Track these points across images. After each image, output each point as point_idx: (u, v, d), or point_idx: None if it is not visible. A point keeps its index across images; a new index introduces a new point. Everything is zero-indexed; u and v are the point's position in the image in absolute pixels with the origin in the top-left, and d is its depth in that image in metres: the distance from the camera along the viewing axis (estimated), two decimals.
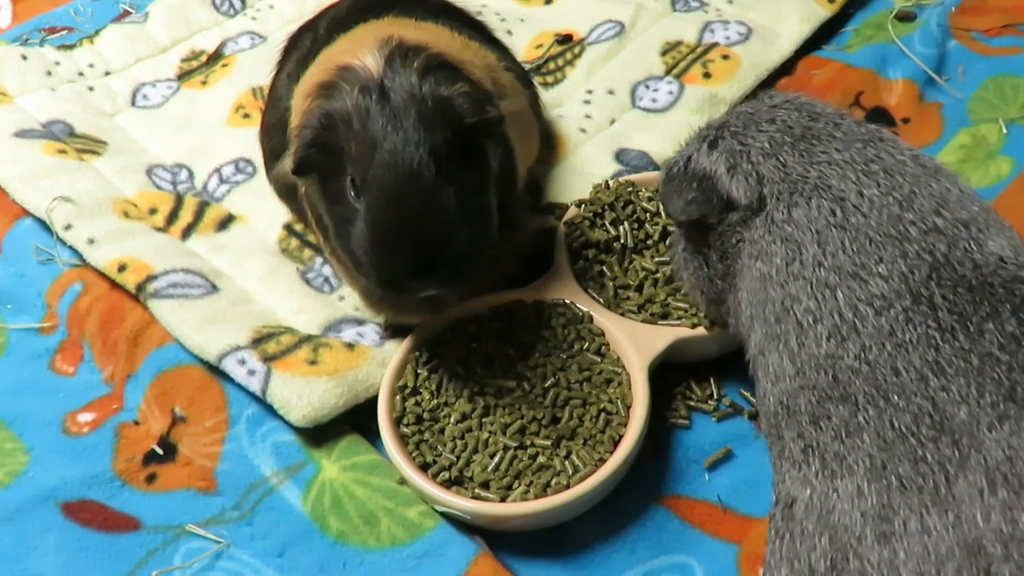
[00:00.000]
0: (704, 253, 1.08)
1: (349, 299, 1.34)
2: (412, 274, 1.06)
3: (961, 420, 0.80)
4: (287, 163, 1.13)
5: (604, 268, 1.26)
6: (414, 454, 1.11)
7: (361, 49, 1.14)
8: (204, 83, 1.76)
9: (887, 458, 0.83)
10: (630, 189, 1.33)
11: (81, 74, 1.77)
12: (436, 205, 1.05)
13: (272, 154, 1.41)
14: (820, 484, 0.87)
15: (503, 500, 1.06)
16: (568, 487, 1.05)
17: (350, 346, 1.24)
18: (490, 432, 1.11)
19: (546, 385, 1.14)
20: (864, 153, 0.96)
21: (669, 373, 1.22)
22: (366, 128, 1.05)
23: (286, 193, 1.39)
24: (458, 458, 1.09)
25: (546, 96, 1.66)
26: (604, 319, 1.20)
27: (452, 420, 1.13)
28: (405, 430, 1.13)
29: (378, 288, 1.11)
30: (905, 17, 1.77)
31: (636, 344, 1.16)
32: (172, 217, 1.47)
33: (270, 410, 1.18)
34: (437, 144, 1.05)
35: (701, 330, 1.18)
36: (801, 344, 0.92)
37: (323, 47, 1.30)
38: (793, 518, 0.88)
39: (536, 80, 1.69)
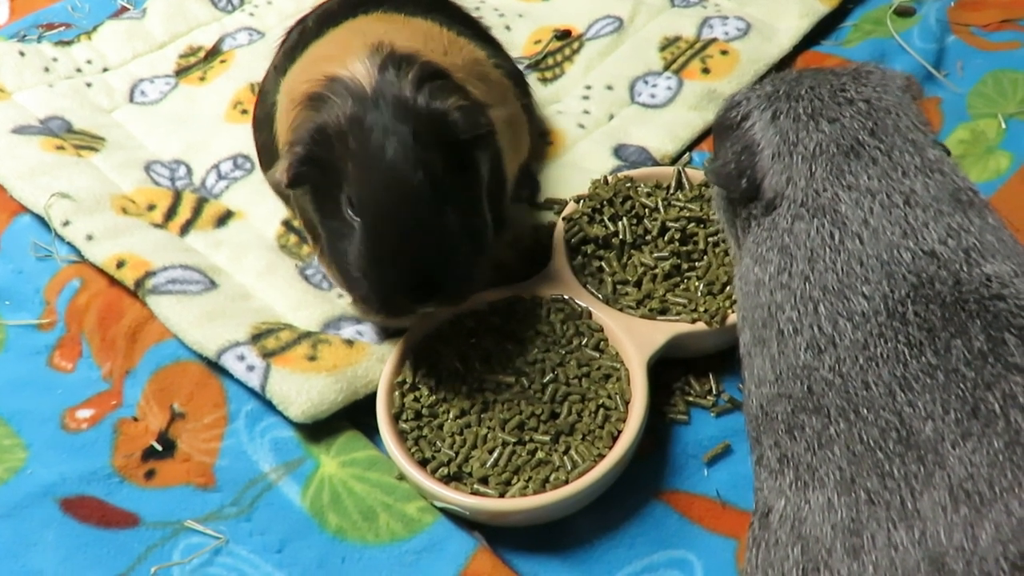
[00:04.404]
0: (733, 206, 1.08)
1: (348, 296, 1.34)
2: (412, 298, 1.07)
3: (926, 436, 0.80)
4: (279, 174, 1.12)
5: (603, 264, 1.26)
6: (413, 450, 1.11)
7: (351, 56, 1.12)
8: (202, 79, 1.76)
9: (856, 472, 0.83)
10: (628, 184, 1.33)
11: (79, 70, 1.77)
12: (435, 227, 1.05)
13: (263, 149, 1.41)
14: (793, 495, 0.87)
15: (502, 495, 1.06)
16: (567, 482, 1.06)
17: (349, 342, 1.23)
18: (489, 428, 1.11)
19: (545, 381, 1.14)
20: (898, 184, 0.94)
21: (668, 369, 1.22)
22: (360, 146, 1.04)
23: (281, 190, 1.39)
24: (457, 454, 1.09)
25: (545, 92, 1.66)
26: (603, 315, 1.20)
27: (451, 416, 1.13)
28: (404, 426, 1.13)
29: (377, 310, 1.11)
30: (904, 12, 1.77)
31: (635, 340, 1.16)
32: (170, 213, 1.47)
33: (269, 406, 1.18)
34: (433, 162, 1.05)
35: (700, 325, 1.18)
36: (781, 352, 0.93)
37: (311, 40, 1.30)
38: (768, 527, 0.89)
39: (535, 76, 1.69)
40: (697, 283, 1.23)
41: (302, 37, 1.35)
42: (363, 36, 1.17)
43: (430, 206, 1.04)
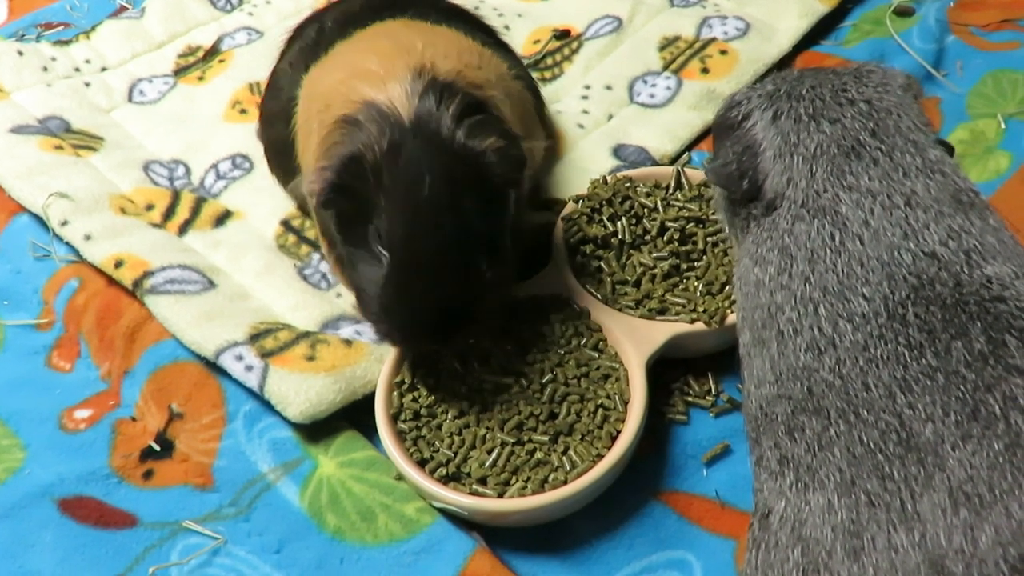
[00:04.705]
0: (733, 206, 1.08)
1: (346, 296, 1.34)
2: (434, 338, 1.08)
3: (927, 438, 0.80)
4: (305, 189, 1.11)
5: (602, 264, 1.26)
6: (411, 450, 1.11)
7: (391, 76, 1.09)
8: (201, 79, 1.76)
9: (856, 473, 0.83)
10: (628, 184, 1.33)
11: (77, 70, 1.77)
12: (464, 271, 1.05)
13: (275, 145, 1.40)
14: (794, 496, 0.87)
15: (501, 496, 1.06)
16: (566, 483, 1.05)
17: (348, 342, 1.23)
18: (487, 428, 1.11)
19: (544, 381, 1.13)
20: (899, 184, 0.94)
21: (667, 369, 1.21)
22: (394, 182, 1.03)
23: (297, 197, 1.39)
24: (455, 454, 1.09)
25: (544, 92, 1.66)
26: (602, 315, 1.20)
27: (449, 416, 1.12)
28: (402, 426, 1.13)
29: (396, 344, 1.13)
30: (903, 12, 1.77)
31: (634, 340, 1.16)
32: (169, 213, 1.46)
33: (267, 406, 1.18)
34: (466, 203, 1.04)
35: (699, 325, 1.18)
36: (781, 353, 0.92)
37: (335, 40, 1.28)
38: (768, 528, 0.89)
39: (534, 76, 1.68)
40: (696, 283, 1.23)
41: (322, 36, 1.33)
42: (400, 48, 1.14)
43: (461, 249, 1.04)
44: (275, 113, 1.37)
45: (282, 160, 1.37)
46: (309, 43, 1.36)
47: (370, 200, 1.05)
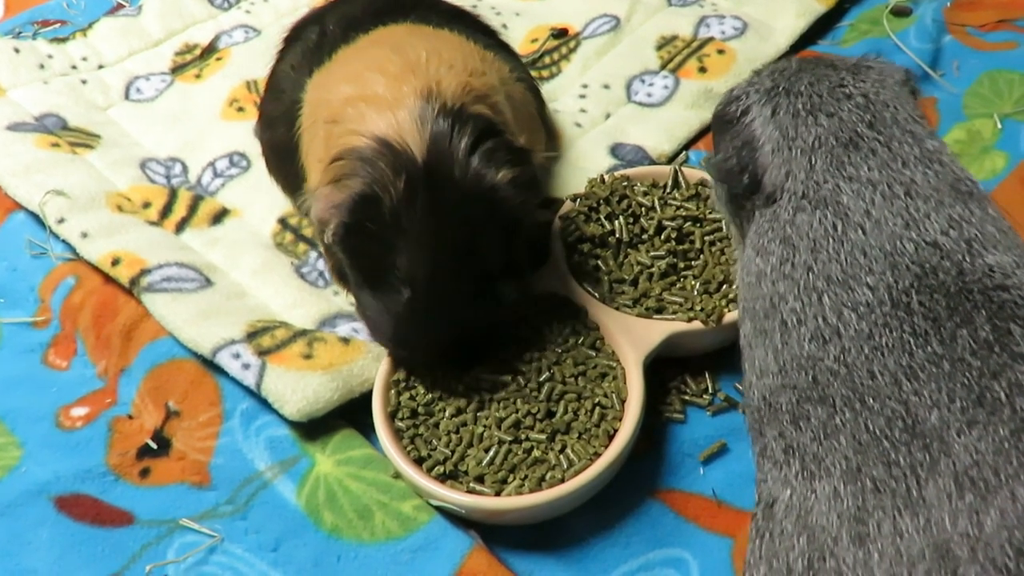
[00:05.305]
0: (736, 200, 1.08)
1: (343, 294, 1.34)
2: (450, 363, 1.12)
3: (932, 424, 0.80)
4: (313, 214, 1.12)
5: (599, 262, 1.26)
6: (408, 448, 1.11)
7: (398, 102, 1.09)
8: (198, 76, 1.75)
9: (862, 460, 0.83)
10: (625, 183, 1.33)
11: (74, 67, 1.77)
12: (483, 305, 1.08)
13: (276, 146, 1.40)
14: (799, 485, 0.87)
15: (498, 494, 1.06)
16: (563, 481, 1.05)
17: (345, 340, 1.23)
18: (485, 426, 1.11)
19: (541, 379, 1.13)
20: (898, 174, 0.95)
21: (664, 367, 1.21)
22: (412, 225, 1.04)
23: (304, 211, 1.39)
24: (453, 452, 1.09)
25: (542, 91, 1.66)
26: (599, 313, 1.20)
27: (447, 414, 1.12)
28: (400, 424, 1.13)
29: (410, 367, 1.16)
30: (900, 12, 1.77)
31: (631, 338, 1.16)
32: (166, 211, 1.46)
33: (264, 404, 1.18)
34: (486, 240, 1.07)
35: (696, 324, 1.18)
36: (785, 343, 0.93)
37: (339, 45, 1.28)
38: (773, 518, 0.89)
39: (532, 74, 1.68)
40: (693, 282, 1.23)
41: (324, 39, 1.33)
42: (406, 65, 1.14)
43: (480, 285, 1.07)
44: (276, 116, 1.37)
45: (283, 162, 1.37)
46: (311, 45, 1.35)
47: (387, 239, 1.06)
